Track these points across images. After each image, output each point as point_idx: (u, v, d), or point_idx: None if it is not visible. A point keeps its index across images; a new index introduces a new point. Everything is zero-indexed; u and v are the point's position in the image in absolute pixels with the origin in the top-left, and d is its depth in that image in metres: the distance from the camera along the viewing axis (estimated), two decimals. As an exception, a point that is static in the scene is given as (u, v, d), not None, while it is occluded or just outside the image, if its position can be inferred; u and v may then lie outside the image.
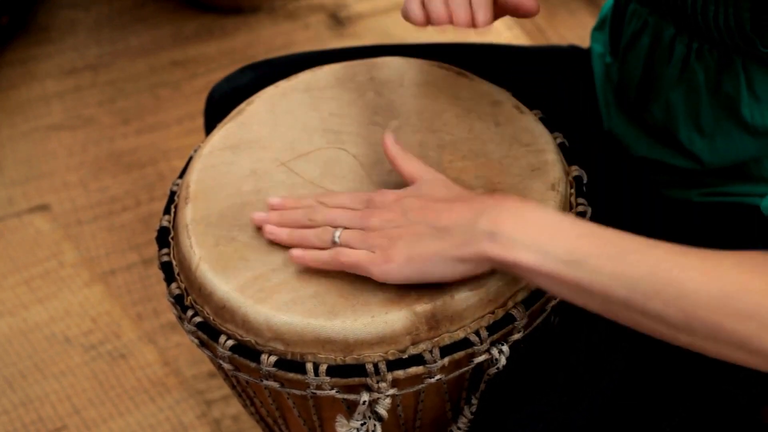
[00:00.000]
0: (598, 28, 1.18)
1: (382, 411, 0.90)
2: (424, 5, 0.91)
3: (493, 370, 0.91)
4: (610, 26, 1.14)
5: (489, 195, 0.86)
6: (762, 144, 1.00)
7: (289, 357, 0.89)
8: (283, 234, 0.93)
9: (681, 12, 0.98)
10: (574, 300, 0.80)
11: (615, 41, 1.12)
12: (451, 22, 0.90)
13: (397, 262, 0.86)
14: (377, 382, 0.88)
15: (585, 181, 0.99)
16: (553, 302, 0.93)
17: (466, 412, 0.96)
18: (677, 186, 1.08)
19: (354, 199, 0.93)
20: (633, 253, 0.77)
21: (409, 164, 0.93)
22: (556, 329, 0.98)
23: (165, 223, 1.00)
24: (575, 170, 0.99)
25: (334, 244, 0.89)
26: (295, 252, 0.91)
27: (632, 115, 1.10)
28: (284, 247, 0.93)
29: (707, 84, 1.01)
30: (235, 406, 1.55)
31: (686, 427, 0.96)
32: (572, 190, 0.98)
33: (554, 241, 0.79)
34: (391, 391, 0.89)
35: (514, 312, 0.90)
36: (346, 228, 0.90)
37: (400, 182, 0.98)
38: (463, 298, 0.88)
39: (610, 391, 0.94)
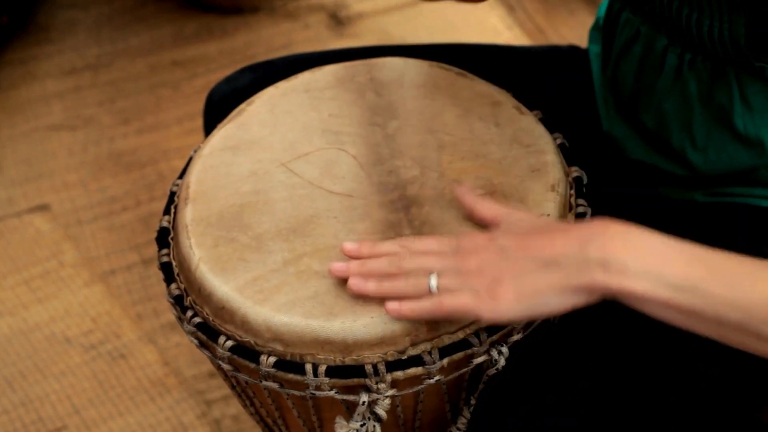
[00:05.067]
0: (595, 29, 1.18)
1: (381, 412, 0.90)
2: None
3: (492, 371, 0.91)
4: (602, 32, 1.14)
5: (586, 223, 0.83)
6: (755, 154, 1.00)
7: (288, 358, 0.89)
8: (370, 286, 0.87)
9: (674, 24, 0.98)
10: (684, 325, 0.79)
11: (607, 47, 1.12)
12: None
13: (506, 300, 0.82)
14: (376, 383, 0.88)
15: (585, 182, 0.99)
16: (553, 303, 0.93)
17: (465, 412, 0.96)
18: (680, 187, 1.08)
19: (441, 243, 0.87)
20: (746, 277, 0.76)
21: (489, 208, 0.90)
22: (556, 329, 0.98)
23: (165, 224, 1.00)
24: (575, 171, 0.99)
25: (430, 291, 0.85)
26: (390, 305, 0.85)
27: (628, 119, 1.10)
28: (284, 248, 0.94)
29: (699, 95, 1.01)
30: (235, 406, 1.55)
31: (685, 426, 0.96)
32: (572, 191, 0.98)
33: (665, 267, 0.77)
34: (391, 392, 0.89)
35: (513, 313, 0.90)
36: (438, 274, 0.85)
37: (400, 182, 0.98)
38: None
39: (609, 390, 0.94)
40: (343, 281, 0.90)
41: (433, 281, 0.85)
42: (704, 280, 0.77)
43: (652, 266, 0.77)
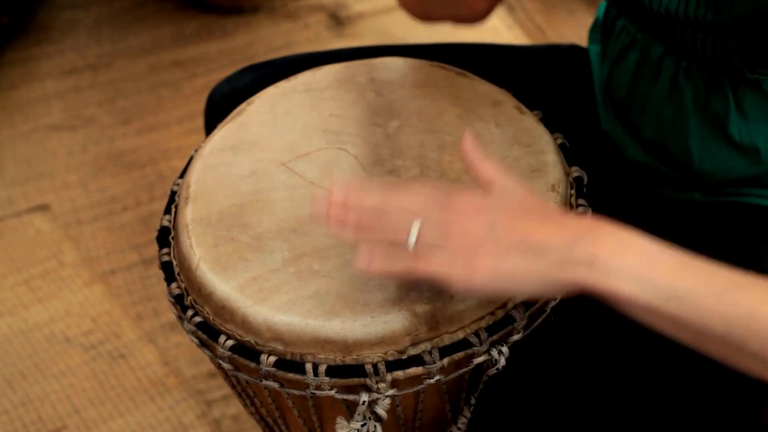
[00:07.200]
0: (594, 29, 1.18)
1: (381, 411, 0.90)
2: None
3: (492, 371, 0.91)
4: (600, 37, 1.14)
5: (580, 218, 0.81)
6: (750, 161, 1.00)
7: (288, 357, 0.90)
8: (348, 233, 0.84)
9: (670, 35, 0.98)
10: (667, 332, 0.77)
11: (604, 52, 1.12)
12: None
13: (483, 275, 0.79)
14: (376, 383, 0.88)
15: (586, 182, 0.99)
16: (553, 303, 0.93)
17: (466, 412, 0.96)
18: (679, 188, 1.08)
19: (428, 197, 0.83)
20: (733, 291, 0.75)
21: (489, 170, 0.85)
22: (556, 329, 0.98)
23: (165, 223, 1.00)
24: (576, 171, 0.99)
25: (407, 247, 0.81)
26: (360, 263, 0.83)
27: (625, 124, 1.10)
28: (284, 247, 0.94)
29: (695, 103, 1.00)
30: (235, 406, 1.55)
31: (686, 425, 0.96)
32: (573, 191, 0.98)
33: (653, 272, 0.75)
34: (391, 392, 0.89)
35: (513, 313, 0.90)
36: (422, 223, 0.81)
37: (401, 182, 0.98)
38: (462, 299, 0.88)
39: (609, 389, 0.94)
40: (342, 281, 0.90)
41: (413, 238, 0.81)
42: (692, 291, 0.75)
43: (640, 271, 0.75)
